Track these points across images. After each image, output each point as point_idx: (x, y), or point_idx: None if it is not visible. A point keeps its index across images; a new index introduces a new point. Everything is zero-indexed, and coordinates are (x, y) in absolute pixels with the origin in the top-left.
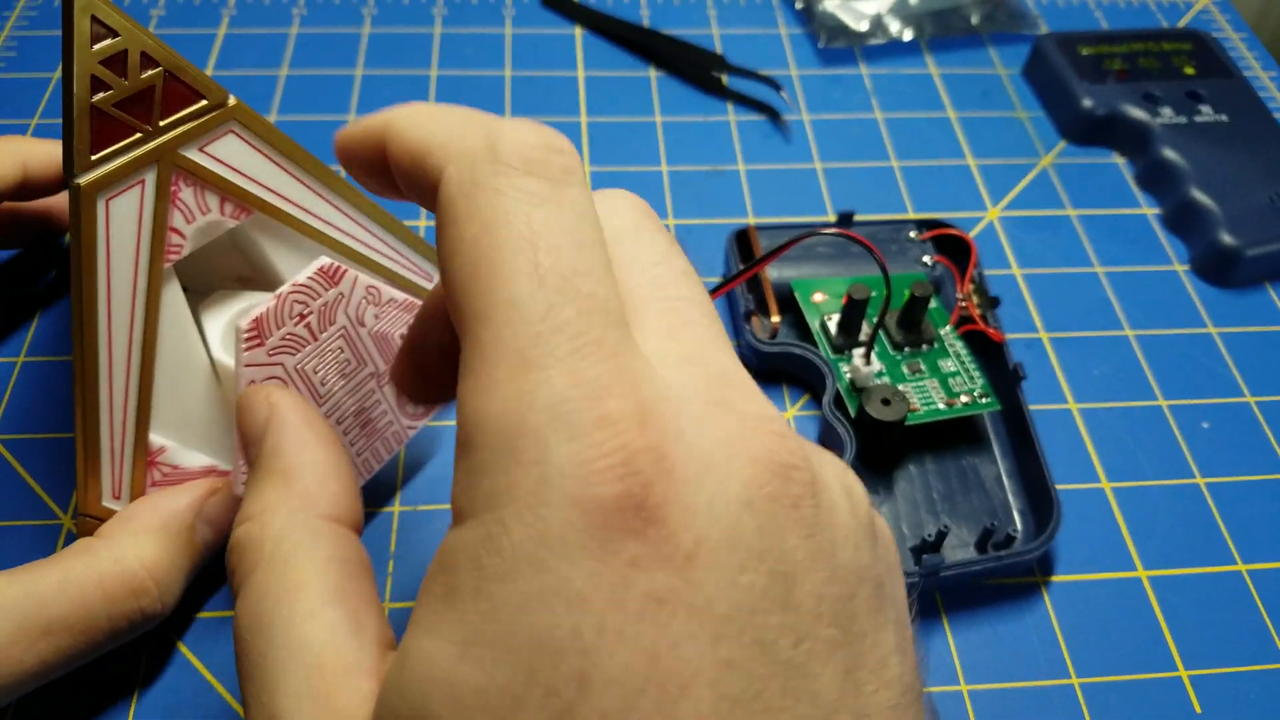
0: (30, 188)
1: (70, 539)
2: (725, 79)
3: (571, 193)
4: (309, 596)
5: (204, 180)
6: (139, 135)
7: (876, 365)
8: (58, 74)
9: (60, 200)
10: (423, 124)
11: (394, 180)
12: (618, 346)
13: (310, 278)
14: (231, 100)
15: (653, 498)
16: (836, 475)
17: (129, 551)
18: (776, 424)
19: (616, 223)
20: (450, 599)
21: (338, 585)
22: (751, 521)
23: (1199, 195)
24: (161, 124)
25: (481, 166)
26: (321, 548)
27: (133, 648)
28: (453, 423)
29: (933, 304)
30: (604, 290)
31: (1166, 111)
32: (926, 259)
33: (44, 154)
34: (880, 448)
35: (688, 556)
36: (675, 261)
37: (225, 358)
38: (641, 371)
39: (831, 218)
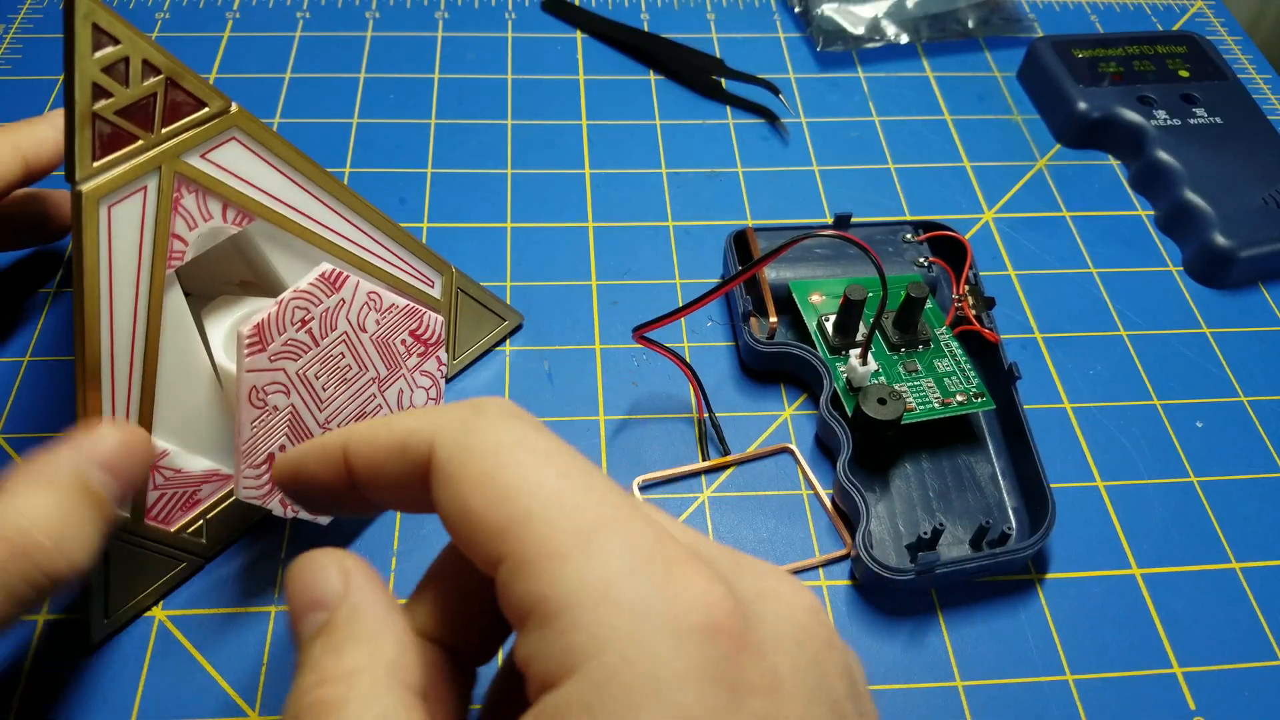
0: (33, 175)
1: None
2: (724, 82)
3: (549, 431)
4: None
5: (206, 187)
6: (141, 142)
7: (873, 365)
8: (63, 76)
9: (58, 201)
10: (392, 424)
11: (350, 491)
12: (648, 514)
13: (312, 284)
14: (234, 107)
15: (737, 626)
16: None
17: (6, 510)
18: (794, 580)
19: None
20: None
21: None
22: (804, 657)
23: (1193, 197)
24: (163, 131)
25: (473, 421)
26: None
27: (136, 644)
28: None
29: (928, 305)
30: (610, 481)
31: (1161, 114)
32: (922, 260)
33: (38, 138)
34: (876, 447)
35: (775, 685)
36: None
37: (227, 363)
38: (673, 534)
39: (829, 219)
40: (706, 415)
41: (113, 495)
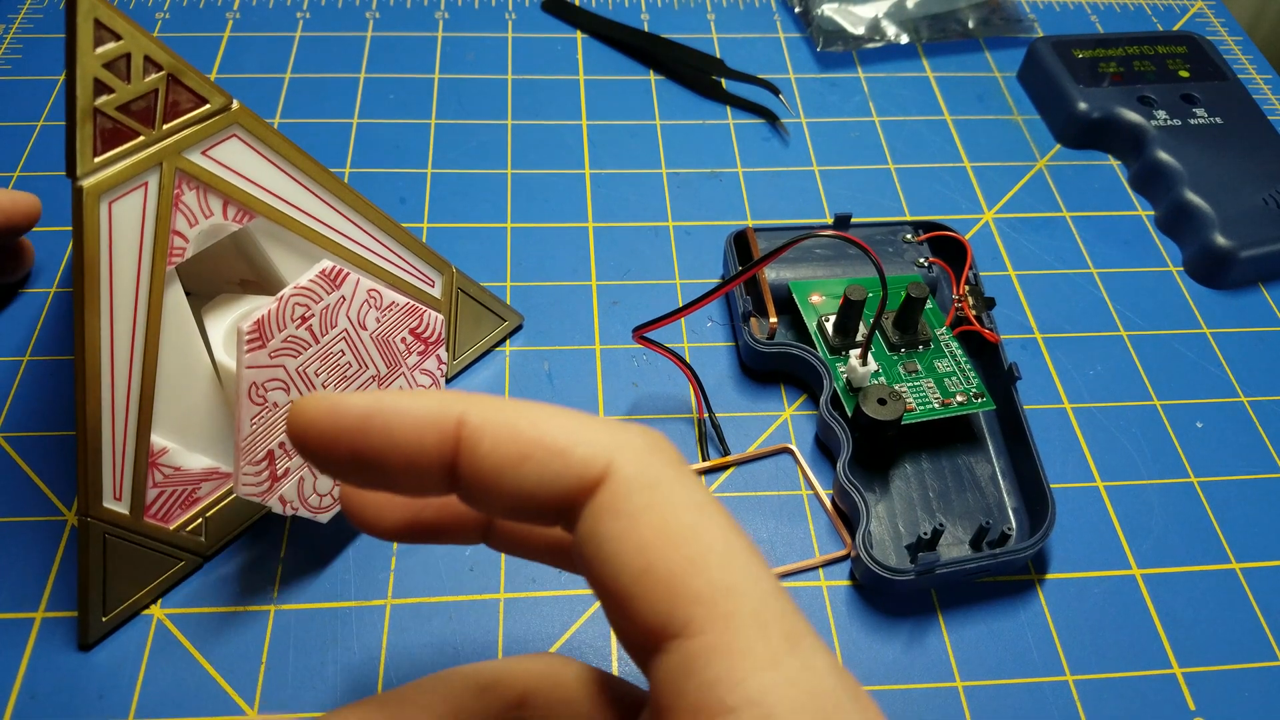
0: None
1: (75, 535)
2: (724, 82)
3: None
4: None
5: (207, 184)
6: (142, 138)
7: (873, 365)
8: (63, 76)
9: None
10: (540, 420)
11: (442, 485)
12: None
13: (312, 280)
14: (235, 104)
15: None
16: None
17: None
18: None
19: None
20: None
21: None
22: None
23: (1193, 197)
24: (165, 127)
25: (656, 458)
26: None
27: (134, 642)
28: None
29: (928, 305)
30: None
31: (1161, 114)
32: (922, 260)
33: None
34: (876, 447)
35: None
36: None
37: (228, 360)
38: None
39: (829, 220)
40: (706, 415)
41: None
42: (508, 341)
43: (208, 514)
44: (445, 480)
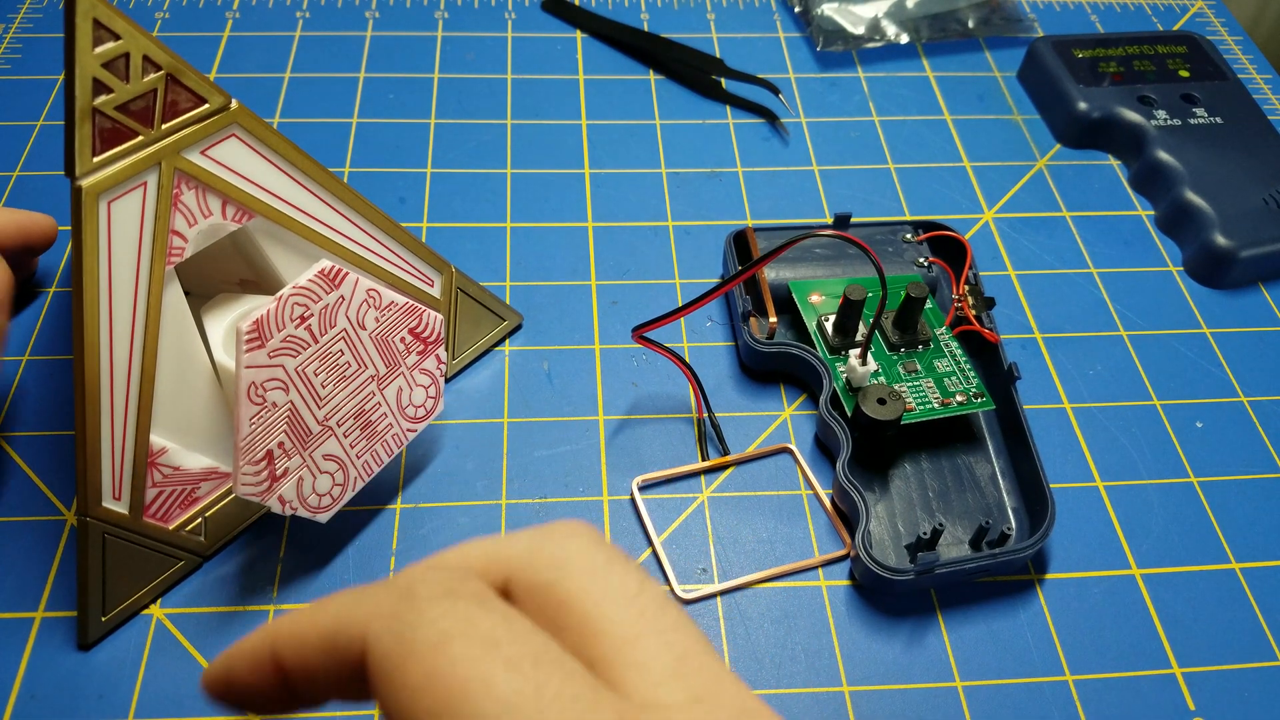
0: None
1: (74, 535)
2: (724, 82)
3: (494, 602)
4: None
5: (206, 183)
6: (141, 138)
7: (872, 365)
8: (63, 76)
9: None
10: (317, 614)
11: (292, 697)
12: (617, 705)
13: (311, 280)
14: (234, 104)
15: None
16: None
17: None
18: None
19: (584, 559)
20: None
21: None
22: None
23: (1193, 197)
24: (164, 127)
25: (405, 612)
26: None
27: (133, 642)
28: (453, 422)
29: (928, 305)
30: (571, 661)
31: (1161, 114)
32: (922, 260)
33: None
34: (876, 447)
35: None
36: (653, 589)
37: (227, 360)
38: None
39: (828, 219)
40: (706, 415)
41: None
42: (507, 341)
43: (207, 514)
44: (295, 697)
